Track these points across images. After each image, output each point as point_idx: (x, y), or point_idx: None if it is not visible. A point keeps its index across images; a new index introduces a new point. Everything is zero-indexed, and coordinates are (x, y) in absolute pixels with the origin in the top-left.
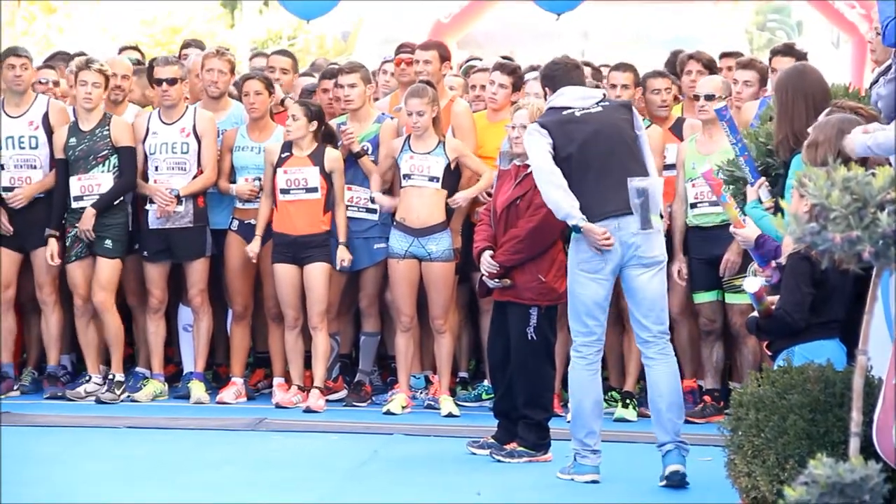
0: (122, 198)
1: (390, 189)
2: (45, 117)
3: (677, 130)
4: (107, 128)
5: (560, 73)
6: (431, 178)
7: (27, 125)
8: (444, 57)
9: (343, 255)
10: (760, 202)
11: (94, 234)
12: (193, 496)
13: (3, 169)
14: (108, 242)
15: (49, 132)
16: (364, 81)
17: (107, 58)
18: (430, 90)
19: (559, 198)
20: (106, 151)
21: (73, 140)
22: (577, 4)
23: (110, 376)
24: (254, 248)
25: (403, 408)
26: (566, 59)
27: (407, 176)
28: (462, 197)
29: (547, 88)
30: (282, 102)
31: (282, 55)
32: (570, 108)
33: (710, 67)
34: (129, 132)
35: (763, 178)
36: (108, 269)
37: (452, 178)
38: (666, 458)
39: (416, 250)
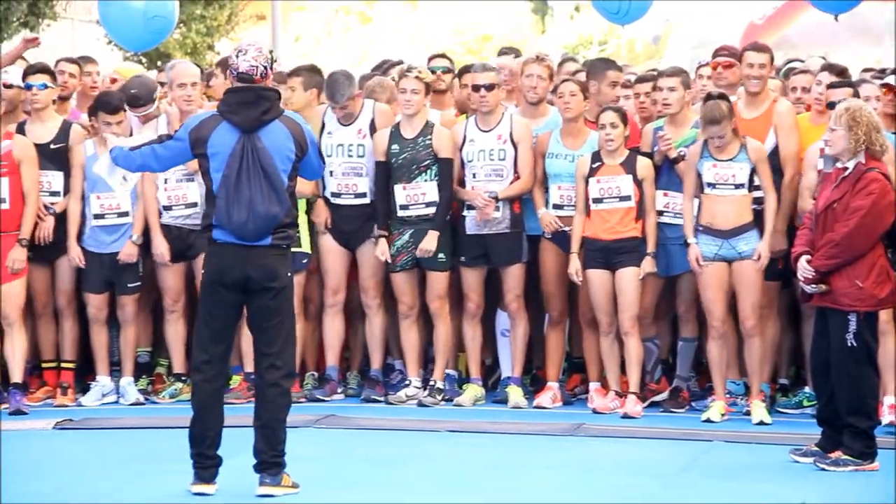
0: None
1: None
2: (372, 124)
3: None
4: (429, 137)
5: None
6: (737, 186)
7: (356, 133)
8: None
9: (647, 267)
10: None
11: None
12: (514, 499)
13: (331, 175)
14: (442, 255)
15: None
16: (683, 86)
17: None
18: (722, 104)
19: None
20: (428, 161)
21: (395, 147)
22: (857, 3)
23: (431, 382)
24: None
25: (722, 415)
26: None
27: (711, 185)
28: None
29: None
30: None
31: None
32: None
33: None
34: (450, 141)
35: None
36: (442, 279)
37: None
38: None
39: (726, 252)
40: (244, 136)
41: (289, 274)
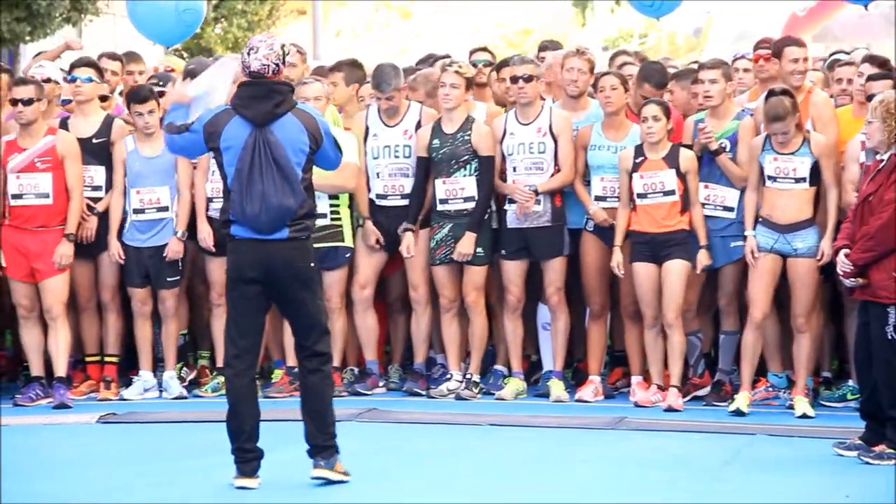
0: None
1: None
2: (418, 126)
3: None
4: (468, 132)
5: None
6: (798, 180)
7: (401, 134)
8: None
9: (703, 260)
10: None
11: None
12: (556, 493)
13: (378, 177)
14: (480, 250)
15: None
16: (725, 78)
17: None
18: (786, 100)
19: None
20: (467, 156)
21: (436, 142)
22: None
23: (468, 375)
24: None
25: (749, 403)
26: None
27: (771, 178)
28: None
29: None
30: None
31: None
32: None
33: None
34: (490, 139)
35: None
36: (480, 272)
37: (818, 173)
38: None
39: (781, 247)
40: (256, 129)
41: (311, 264)
